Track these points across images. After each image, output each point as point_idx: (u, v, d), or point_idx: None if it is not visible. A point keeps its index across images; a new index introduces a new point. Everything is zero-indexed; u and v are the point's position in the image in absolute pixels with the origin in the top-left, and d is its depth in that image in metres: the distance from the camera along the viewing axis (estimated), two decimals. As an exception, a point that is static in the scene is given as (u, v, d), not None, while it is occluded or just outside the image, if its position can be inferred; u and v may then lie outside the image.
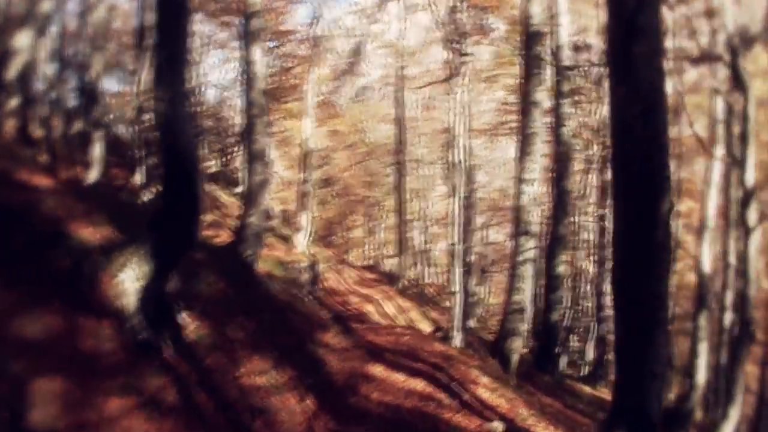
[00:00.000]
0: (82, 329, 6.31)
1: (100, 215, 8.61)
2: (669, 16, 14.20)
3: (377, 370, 10.18)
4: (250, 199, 11.92)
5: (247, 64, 12.02)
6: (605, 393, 20.50)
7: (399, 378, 9.97)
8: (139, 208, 13.05)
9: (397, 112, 29.38)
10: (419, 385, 9.75)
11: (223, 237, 17.20)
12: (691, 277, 20.28)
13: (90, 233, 7.78)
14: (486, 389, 10.67)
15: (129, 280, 6.82)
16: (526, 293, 13.45)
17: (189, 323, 7.88)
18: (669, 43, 13.91)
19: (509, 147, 42.32)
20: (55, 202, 8.33)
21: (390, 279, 30.21)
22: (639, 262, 4.73)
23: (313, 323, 11.05)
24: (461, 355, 12.09)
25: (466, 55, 18.32)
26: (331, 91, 37.67)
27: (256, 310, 9.65)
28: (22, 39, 13.10)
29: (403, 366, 10.55)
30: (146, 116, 15.23)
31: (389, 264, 44.56)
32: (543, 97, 13.55)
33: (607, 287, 24.66)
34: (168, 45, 6.52)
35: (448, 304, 31.82)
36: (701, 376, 16.77)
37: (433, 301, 30.37)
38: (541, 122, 13.41)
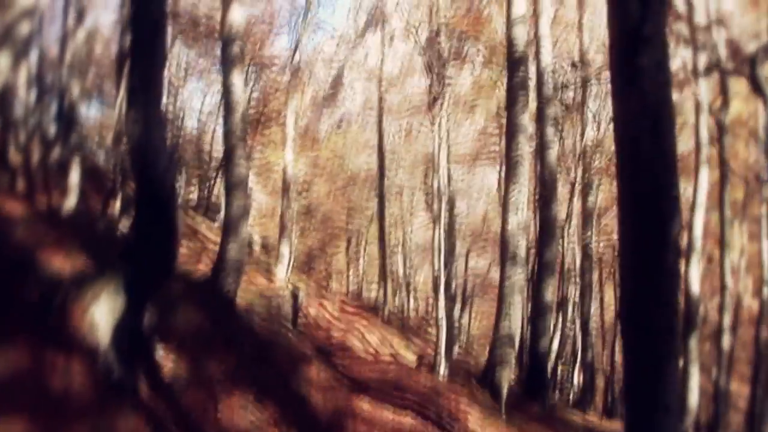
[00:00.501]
0: (50, 367, 5.88)
1: (73, 244, 8.20)
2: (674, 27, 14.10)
3: (363, 405, 9.79)
4: (229, 228, 11.48)
5: (226, 90, 11.69)
6: (595, 420, 20.22)
7: (386, 413, 9.60)
8: (115, 237, 12.60)
9: (379, 140, 29.12)
10: (408, 420, 9.40)
11: (203, 268, 16.75)
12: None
13: (61, 263, 7.36)
14: (477, 422, 10.34)
15: (101, 313, 6.40)
16: (515, 321, 13.10)
17: (165, 359, 7.46)
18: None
19: (490, 174, 42.39)
20: (25, 230, 7.90)
21: (372, 308, 29.81)
22: (648, 289, 4.42)
23: (296, 357, 10.64)
24: (449, 387, 11.73)
25: (447, 80, 18.20)
26: (311, 119, 37.54)
27: (236, 345, 9.24)
28: (1, 62, 12.71)
29: (391, 400, 10.18)
30: (125, 143, 14.83)
31: (371, 293, 44.19)
32: (527, 121, 13.35)
33: (592, 311, 24.56)
34: (142, 64, 6.18)
35: (430, 332, 31.81)
36: (693, 399, 16.45)
37: (415, 330, 30.02)
38: (526, 147, 13.20)
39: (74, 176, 14.30)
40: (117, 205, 15.48)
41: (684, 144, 22.54)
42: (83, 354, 6.18)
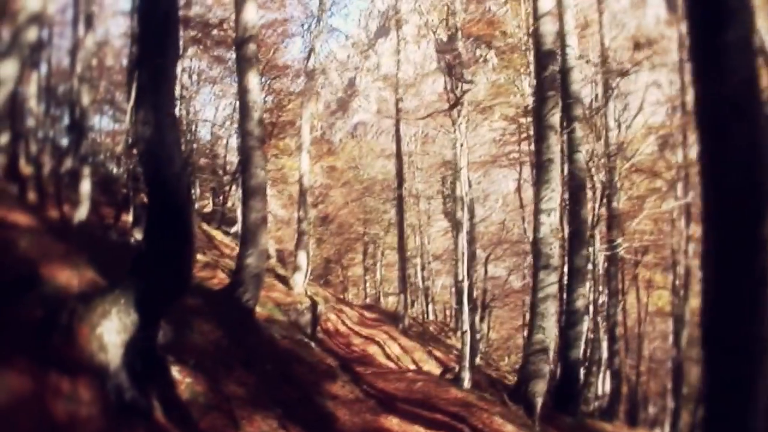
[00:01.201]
0: (55, 391, 5.33)
1: (82, 257, 7.63)
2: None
3: (392, 422, 9.19)
4: (246, 238, 10.94)
5: (242, 91, 11.16)
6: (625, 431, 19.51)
7: (417, 431, 8.98)
8: (128, 249, 12.12)
9: (397, 146, 28.55)
10: (440, 439, 8.78)
11: (219, 279, 16.25)
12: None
13: (68, 277, 6.79)
14: (511, 440, 9.71)
15: (111, 331, 5.85)
16: (549, 332, 12.42)
17: (181, 379, 6.91)
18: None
19: (507, 179, 41.74)
20: (30, 242, 7.33)
21: (391, 318, 29.24)
22: (736, 298, 3.81)
23: (319, 372, 10.07)
24: (480, 402, 11.08)
25: (468, 82, 17.64)
26: (326, 126, 37.05)
27: (257, 361, 8.69)
28: (8, 68, 12.30)
29: (421, 417, 9.56)
30: (136, 151, 14.39)
31: (389, 302, 43.63)
32: (557, 121, 12.72)
33: (619, 318, 23.77)
34: (152, 60, 5.63)
35: (450, 341, 31.17)
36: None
37: (436, 339, 29.43)
38: (557, 148, 12.56)
39: (85, 186, 13.89)
40: (130, 215, 15.06)
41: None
42: (91, 376, 5.63)
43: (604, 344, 22.69)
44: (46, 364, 5.42)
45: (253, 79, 11.12)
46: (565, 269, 16.50)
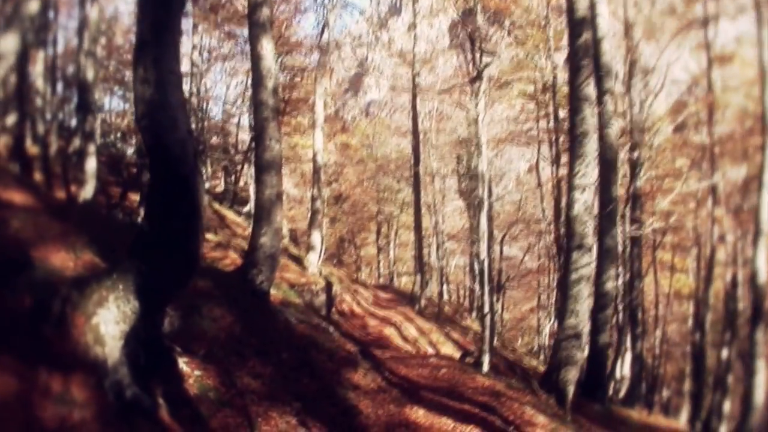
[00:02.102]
0: (44, 391, 4.66)
1: (80, 238, 6.91)
2: None
3: (418, 414, 8.51)
4: (260, 215, 10.14)
5: (255, 58, 10.36)
6: (653, 418, 18.82)
7: (446, 424, 8.32)
8: (134, 228, 11.45)
9: (413, 122, 27.73)
10: None
11: (232, 260, 15.59)
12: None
13: (62, 260, 6.11)
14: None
15: (109, 321, 5.17)
16: (582, 316, 11.63)
17: (190, 372, 6.25)
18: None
19: (521, 158, 40.97)
20: (23, 222, 6.63)
21: (406, 298, 28.64)
22: None
23: (339, 359, 9.37)
24: (509, 390, 10.38)
25: (490, 54, 16.86)
26: (340, 104, 36.28)
27: (273, 350, 8.00)
28: (8, 42, 11.71)
29: (448, 408, 8.88)
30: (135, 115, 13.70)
31: (403, 282, 43.11)
32: (592, 91, 11.86)
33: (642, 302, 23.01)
34: (154, 10, 4.90)
35: (466, 323, 30.55)
36: (759, 396, 15.01)
37: (451, 320, 28.78)
38: (592, 120, 11.72)
39: (90, 164, 13.23)
40: (138, 194, 14.41)
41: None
42: (86, 373, 4.95)
43: (626, 327, 21.96)
44: (34, 360, 4.76)
45: (266, 46, 10.32)
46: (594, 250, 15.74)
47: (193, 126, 29.23)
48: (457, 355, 20.81)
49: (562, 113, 25.55)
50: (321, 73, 24.75)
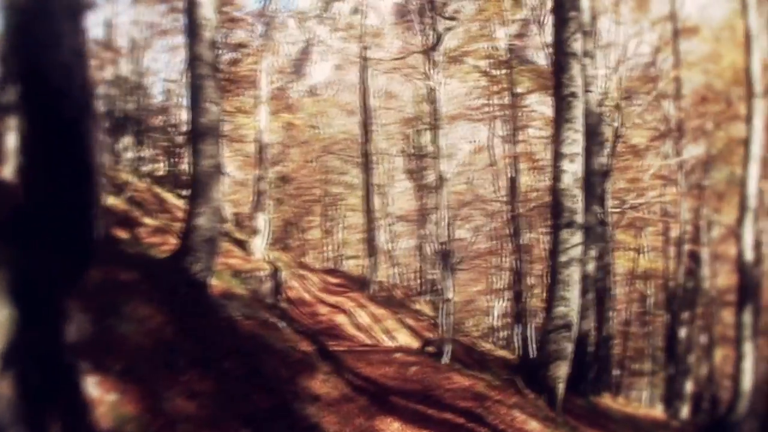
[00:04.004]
0: None
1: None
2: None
3: (393, 428, 7.09)
4: (197, 192, 8.40)
5: (190, 6, 8.59)
6: (634, 409, 17.97)
7: (427, 439, 6.89)
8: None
9: (362, 99, 26.18)
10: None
11: (171, 246, 13.92)
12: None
13: None
14: (537, 440, 7.70)
15: (-28, 336, 3.55)
16: (573, 304, 10.25)
17: (102, 397, 4.65)
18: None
19: (468, 137, 39.84)
20: None
21: (356, 283, 27.30)
22: None
23: (294, 363, 7.81)
24: (492, 391, 9.02)
25: (450, 19, 15.46)
26: (285, 81, 34.53)
27: (214, 358, 6.39)
28: None
29: (427, 418, 7.48)
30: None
31: (350, 266, 41.90)
32: (580, 48, 10.47)
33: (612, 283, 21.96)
34: None
35: (418, 306, 29.40)
36: (747, 381, 14.07)
37: (403, 304, 27.55)
38: (580, 81, 10.33)
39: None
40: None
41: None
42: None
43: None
44: None
45: (203, -11, 8.66)
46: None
47: (132, 105, 27.34)
48: (414, 343, 19.64)
49: (520, 89, 24.45)
50: (265, 47, 23.14)
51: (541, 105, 26.42)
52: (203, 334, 6.85)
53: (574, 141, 10.01)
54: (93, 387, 4.66)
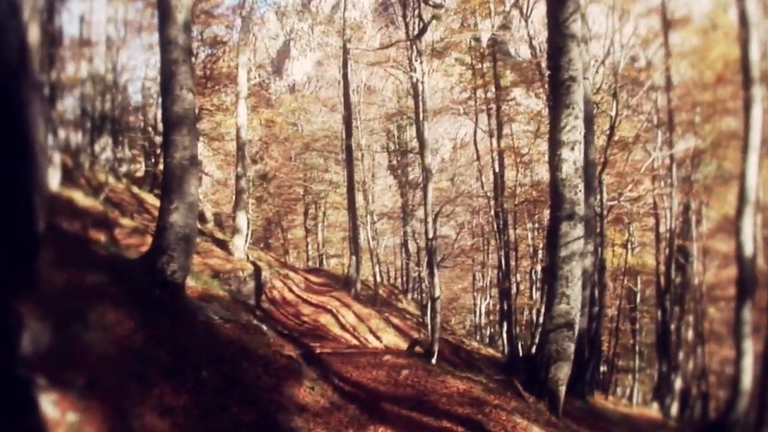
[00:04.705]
0: None
1: None
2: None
3: (386, 441, 6.52)
4: (170, 186, 7.65)
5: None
6: (629, 409, 17.61)
7: (424, 453, 6.34)
8: None
9: (345, 94, 25.56)
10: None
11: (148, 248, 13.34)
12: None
13: None
14: (542, 448, 7.17)
15: None
16: (575, 301, 9.68)
17: (60, 418, 4.06)
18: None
19: (457, 130, 39.49)
20: None
21: (339, 282, 26.77)
22: None
23: (278, 371, 7.21)
24: (490, 395, 8.48)
25: (436, 6, 14.93)
26: (265, 77, 33.89)
27: (190, 367, 5.79)
28: None
29: (423, 427, 6.92)
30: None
31: (332, 264, 41.41)
32: (579, 29, 9.91)
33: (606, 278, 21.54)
34: None
35: (402, 305, 28.93)
36: (747, 379, 13.65)
37: (388, 303, 27.19)
38: (580, 64, 9.79)
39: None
40: None
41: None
42: None
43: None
44: None
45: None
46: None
47: (109, 105, 26.60)
48: (401, 343, 19.22)
49: (506, 80, 24.01)
50: (244, 42, 22.53)
51: (526, 99, 26.05)
52: (178, 340, 6.24)
53: (574, 128, 9.46)
54: (50, 405, 4.07)
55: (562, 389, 9.42)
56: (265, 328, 8.69)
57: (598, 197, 16.37)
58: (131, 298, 6.37)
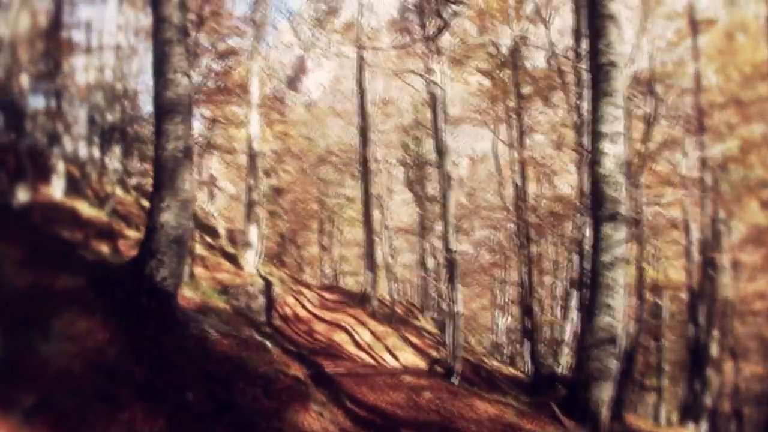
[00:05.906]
0: None
1: None
2: None
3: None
4: (161, 181, 6.76)
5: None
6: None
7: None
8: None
9: (360, 103, 24.77)
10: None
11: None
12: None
13: None
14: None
15: None
16: (618, 313, 8.57)
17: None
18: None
19: (474, 142, 38.61)
20: None
21: (354, 299, 25.84)
22: None
23: (280, 392, 6.22)
24: (523, 420, 7.50)
25: (456, 3, 14.12)
26: (279, 88, 33.26)
27: (172, 386, 4.85)
28: None
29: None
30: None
31: (349, 283, 40.62)
32: (619, 9, 8.94)
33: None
34: None
35: (419, 323, 27.97)
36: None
37: (405, 321, 26.20)
38: (620, 48, 8.82)
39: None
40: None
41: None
42: None
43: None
44: None
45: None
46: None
47: (120, 114, 25.97)
48: (419, 362, 18.45)
49: (525, 89, 23.14)
50: (256, 50, 21.89)
51: (547, 109, 25.14)
52: (162, 355, 5.30)
53: (616, 118, 8.48)
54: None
55: (605, 411, 8.36)
56: (268, 344, 7.72)
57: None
58: (110, 306, 5.46)
